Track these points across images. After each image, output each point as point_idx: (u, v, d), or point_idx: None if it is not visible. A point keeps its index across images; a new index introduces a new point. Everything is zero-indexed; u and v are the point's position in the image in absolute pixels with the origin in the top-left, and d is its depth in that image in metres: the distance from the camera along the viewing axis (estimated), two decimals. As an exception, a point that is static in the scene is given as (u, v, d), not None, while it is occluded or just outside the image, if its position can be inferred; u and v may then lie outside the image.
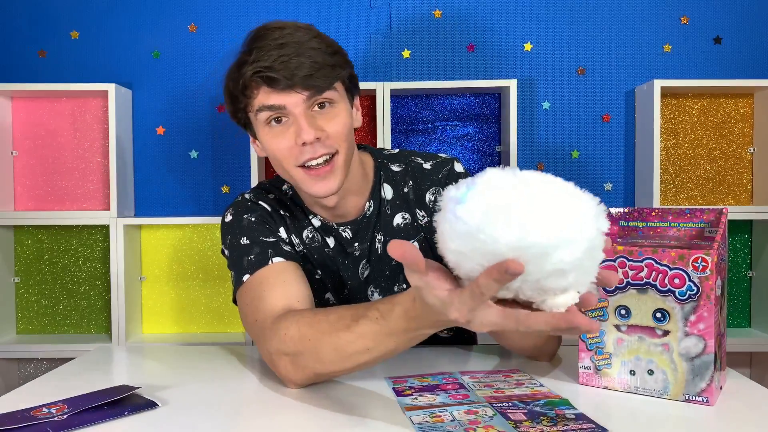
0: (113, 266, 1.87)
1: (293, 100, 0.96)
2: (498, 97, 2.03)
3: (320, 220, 1.10)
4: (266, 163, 2.01)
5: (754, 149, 1.99)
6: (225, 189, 2.03)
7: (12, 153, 2.00)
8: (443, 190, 1.09)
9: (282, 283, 0.96)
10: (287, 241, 1.08)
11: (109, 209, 1.92)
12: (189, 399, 0.86)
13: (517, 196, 0.54)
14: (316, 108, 0.98)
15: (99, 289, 2.04)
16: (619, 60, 2.01)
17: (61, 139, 2.01)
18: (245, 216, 1.07)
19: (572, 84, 2.01)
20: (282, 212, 1.11)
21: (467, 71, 2.01)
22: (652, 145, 1.85)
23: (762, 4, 1.99)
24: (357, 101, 1.10)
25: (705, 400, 0.80)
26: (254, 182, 1.86)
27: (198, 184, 2.04)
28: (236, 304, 1.05)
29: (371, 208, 1.10)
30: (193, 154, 2.03)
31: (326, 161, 0.99)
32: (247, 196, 1.13)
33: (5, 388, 1.94)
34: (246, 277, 1.00)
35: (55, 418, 0.75)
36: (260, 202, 1.10)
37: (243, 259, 1.01)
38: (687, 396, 0.81)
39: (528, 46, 2.01)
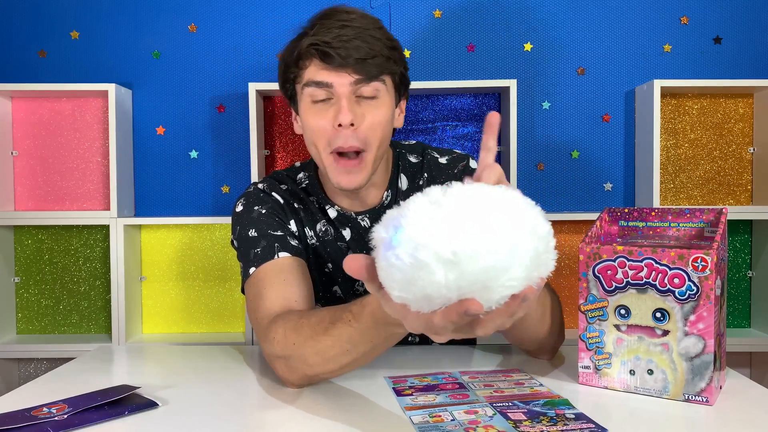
0: (113, 266, 1.87)
1: (341, 80, 0.97)
2: (498, 97, 2.03)
3: (337, 210, 1.11)
4: (266, 164, 2.02)
5: (754, 149, 1.99)
6: (225, 189, 2.03)
7: (12, 153, 2.00)
8: None
9: (282, 282, 0.97)
10: (297, 234, 1.08)
11: (109, 209, 1.92)
12: (189, 399, 0.86)
13: (446, 231, 0.50)
14: (362, 96, 0.99)
15: (99, 289, 2.04)
16: (619, 60, 2.01)
17: (61, 139, 2.01)
18: (255, 208, 1.08)
19: (572, 84, 2.01)
20: (296, 204, 1.11)
21: (467, 71, 2.01)
22: (652, 145, 1.85)
23: (762, 4, 1.99)
24: (403, 104, 1.10)
25: (705, 400, 0.80)
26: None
27: (198, 184, 2.04)
28: (244, 294, 1.06)
29: (389, 198, 1.11)
30: (193, 154, 2.03)
31: (357, 153, 1.00)
32: (260, 186, 1.13)
33: (5, 388, 1.94)
34: (252, 270, 1.01)
35: (56, 418, 0.75)
36: (273, 194, 1.11)
37: (250, 251, 1.02)
38: (687, 396, 0.81)
39: (528, 46, 2.01)
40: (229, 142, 2.03)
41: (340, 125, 0.97)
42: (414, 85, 1.89)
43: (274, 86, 1.87)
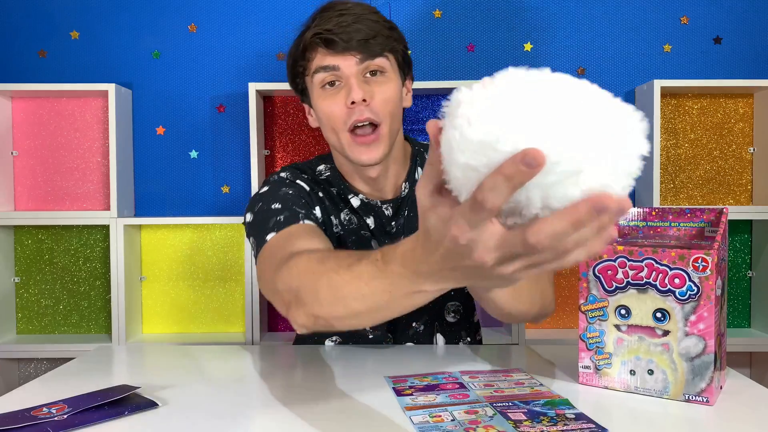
0: (113, 266, 1.87)
1: (347, 63, 1.02)
2: (498, 97, 2.03)
3: (361, 198, 1.13)
4: (266, 164, 2.01)
5: (754, 149, 1.99)
6: (225, 189, 2.03)
7: (12, 153, 2.00)
8: None
9: (309, 237, 0.94)
10: (321, 221, 1.10)
11: (109, 209, 1.92)
12: (189, 399, 0.86)
13: (545, 93, 0.43)
14: (368, 75, 1.04)
15: (99, 289, 2.04)
16: (619, 60, 2.01)
17: (61, 139, 2.01)
18: (283, 189, 1.08)
19: (572, 84, 2.01)
20: (320, 194, 1.13)
21: (467, 71, 2.01)
22: (652, 145, 1.85)
23: (762, 4, 1.99)
24: (409, 83, 1.16)
25: (705, 400, 0.80)
26: (254, 183, 1.86)
27: (198, 184, 2.04)
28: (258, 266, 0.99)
29: (407, 190, 1.15)
30: (193, 154, 2.03)
31: (371, 128, 1.04)
32: (283, 175, 1.14)
33: (5, 388, 1.94)
34: (271, 236, 0.97)
35: (56, 418, 0.75)
36: (298, 181, 1.13)
37: (270, 219, 1.00)
38: (687, 396, 0.81)
39: (528, 46, 2.01)
40: (229, 142, 2.03)
41: (353, 103, 1.01)
42: (414, 85, 1.89)
43: (274, 86, 1.87)
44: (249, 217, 1.06)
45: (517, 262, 0.47)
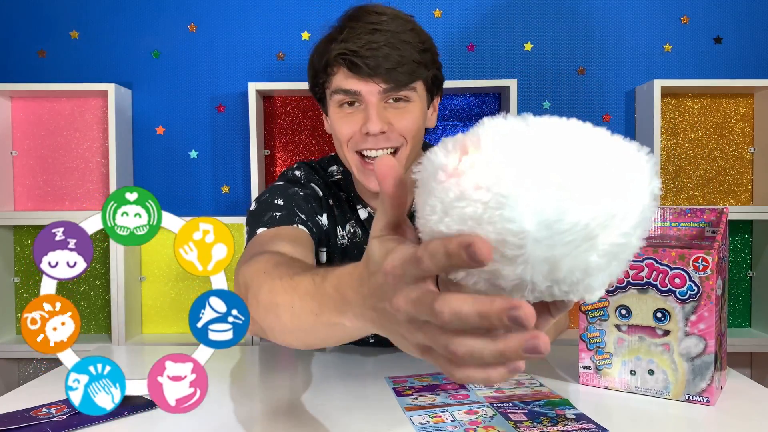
0: (113, 266, 1.87)
1: (370, 89, 0.97)
2: (498, 97, 2.03)
3: (369, 212, 1.10)
4: (266, 164, 2.01)
5: (754, 149, 1.99)
6: (225, 189, 2.03)
7: (12, 153, 2.00)
8: None
9: (291, 243, 0.91)
10: (327, 229, 1.07)
11: (108, 209, 1.92)
12: (189, 399, 0.85)
13: (545, 153, 0.38)
14: (391, 101, 0.99)
15: (99, 289, 2.04)
16: (619, 60, 2.01)
17: (61, 139, 2.01)
18: (293, 188, 1.06)
19: (572, 84, 2.01)
20: (330, 201, 1.10)
21: (467, 71, 2.01)
22: (653, 145, 1.85)
23: (762, 4, 1.99)
24: (436, 102, 1.11)
25: (705, 400, 0.80)
26: (254, 183, 1.86)
27: (198, 184, 2.04)
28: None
29: None
30: (193, 154, 2.03)
31: (392, 153, 0.99)
32: (297, 173, 1.11)
33: (5, 388, 1.94)
34: (261, 230, 0.96)
35: (55, 419, 0.75)
36: (311, 183, 1.10)
37: (267, 213, 0.98)
38: (687, 396, 0.81)
39: (528, 46, 2.01)
40: (229, 142, 2.02)
41: (368, 134, 0.97)
42: (414, 85, 1.89)
43: (274, 86, 1.87)
44: (253, 206, 1.06)
45: (420, 333, 0.41)
